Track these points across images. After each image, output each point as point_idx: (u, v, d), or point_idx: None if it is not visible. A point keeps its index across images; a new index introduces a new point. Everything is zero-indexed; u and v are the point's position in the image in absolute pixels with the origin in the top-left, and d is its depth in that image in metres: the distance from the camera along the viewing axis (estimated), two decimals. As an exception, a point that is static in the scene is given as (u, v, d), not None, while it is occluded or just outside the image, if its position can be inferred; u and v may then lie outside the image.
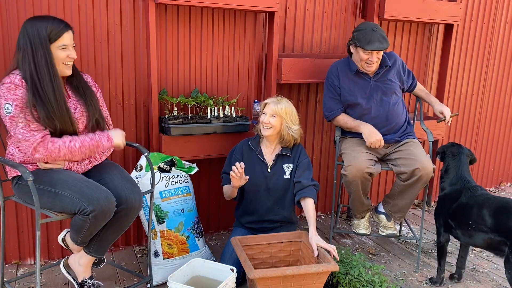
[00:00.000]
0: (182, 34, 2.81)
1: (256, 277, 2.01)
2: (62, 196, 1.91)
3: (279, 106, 2.50)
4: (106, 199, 1.89)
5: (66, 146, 1.94)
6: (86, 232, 1.96)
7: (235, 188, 2.46)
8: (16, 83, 1.89)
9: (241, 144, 2.65)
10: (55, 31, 1.94)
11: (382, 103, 2.75)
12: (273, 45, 2.93)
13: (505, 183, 4.52)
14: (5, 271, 2.40)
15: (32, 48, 1.92)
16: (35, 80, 1.91)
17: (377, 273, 2.46)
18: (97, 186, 1.93)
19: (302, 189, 2.51)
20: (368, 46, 2.61)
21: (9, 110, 1.87)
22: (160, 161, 2.54)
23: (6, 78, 1.92)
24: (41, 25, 1.93)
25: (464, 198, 2.44)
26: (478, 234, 2.34)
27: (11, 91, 1.88)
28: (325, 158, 3.51)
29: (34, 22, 1.95)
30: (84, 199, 1.87)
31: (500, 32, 3.97)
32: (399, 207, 2.78)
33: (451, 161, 2.60)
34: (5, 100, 1.88)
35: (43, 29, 1.92)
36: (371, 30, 2.63)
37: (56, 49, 1.96)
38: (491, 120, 4.18)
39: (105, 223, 1.98)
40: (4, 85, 1.90)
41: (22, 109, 1.88)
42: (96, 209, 1.86)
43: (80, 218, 1.90)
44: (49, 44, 1.94)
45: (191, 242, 2.60)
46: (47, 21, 1.95)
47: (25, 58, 1.92)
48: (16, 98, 1.88)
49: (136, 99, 2.76)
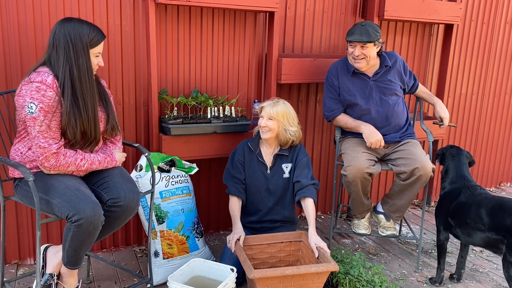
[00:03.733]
0: (182, 34, 2.81)
1: (256, 277, 2.02)
2: (52, 204, 1.91)
3: (275, 109, 2.49)
4: (92, 210, 1.86)
5: (76, 164, 1.97)
6: (69, 243, 1.92)
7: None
8: (47, 83, 1.87)
9: (241, 145, 2.65)
10: (96, 38, 1.95)
11: (382, 103, 2.75)
12: (273, 45, 2.93)
13: (505, 183, 4.52)
14: (5, 271, 2.40)
15: (74, 51, 1.91)
16: (75, 84, 1.91)
17: (377, 273, 2.46)
18: (86, 196, 1.90)
19: (301, 188, 2.51)
20: (348, 37, 2.68)
21: (32, 110, 1.85)
22: (160, 161, 2.54)
23: (36, 75, 1.88)
24: (83, 29, 1.92)
25: (463, 197, 2.46)
26: (477, 233, 2.36)
27: (41, 91, 1.85)
28: (325, 158, 3.51)
29: (75, 25, 1.93)
30: (71, 208, 1.85)
31: (500, 32, 3.97)
32: (398, 207, 2.78)
33: (450, 161, 2.62)
34: (31, 99, 1.85)
35: (86, 34, 1.92)
36: (359, 25, 2.67)
37: (92, 55, 1.97)
38: (491, 120, 4.18)
39: (90, 239, 1.93)
40: (34, 83, 1.86)
41: (46, 113, 1.87)
42: (81, 218, 1.83)
43: (67, 225, 1.89)
44: (89, 50, 1.94)
45: (191, 242, 2.60)
46: (88, 26, 1.95)
47: (66, 59, 1.90)
48: (43, 101, 1.86)
49: (136, 99, 2.76)
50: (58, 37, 1.91)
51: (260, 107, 2.56)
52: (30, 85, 1.87)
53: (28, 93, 1.86)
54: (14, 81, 2.43)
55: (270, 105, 2.51)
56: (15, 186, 2.10)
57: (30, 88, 1.86)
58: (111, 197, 1.99)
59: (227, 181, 2.61)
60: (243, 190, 2.57)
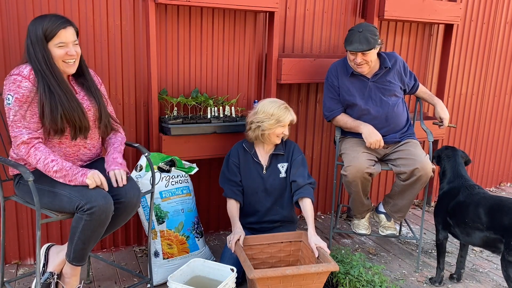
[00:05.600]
0: (182, 34, 2.81)
1: (256, 277, 2.02)
2: (61, 195, 1.91)
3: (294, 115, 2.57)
4: (104, 199, 1.88)
5: (44, 163, 1.91)
6: (79, 234, 1.90)
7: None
8: (23, 74, 1.92)
9: (235, 147, 2.65)
10: (50, 29, 1.95)
11: (382, 104, 2.75)
12: (273, 45, 2.93)
13: (505, 183, 4.52)
14: (5, 271, 2.40)
15: (33, 47, 1.94)
16: (45, 77, 1.93)
17: (377, 273, 2.46)
18: (94, 188, 1.92)
19: (299, 188, 2.52)
20: (348, 47, 2.64)
21: (9, 101, 1.91)
22: (160, 161, 2.54)
23: (16, 69, 1.95)
24: (39, 24, 1.94)
25: (462, 196, 2.47)
26: (475, 232, 2.37)
27: (16, 83, 1.90)
28: (325, 158, 3.51)
29: (35, 21, 1.97)
30: (82, 197, 1.87)
31: (500, 32, 3.97)
32: (399, 207, 2.78)
33: (446, 163, 2.65)
34: (9, 91, 1.91)
35: (40, 28, 1.94)
36: (357, 31, 2.62)
37: (53, 47, 1.96)
38: (491, 120, 4.18)
39: (100, 229, 1.93)
40: (12, 76, 1.93)
41: (21, 103, 1.90)
42: (93, 207, 1.85)
43: (78, 215, 1.89)
44: (46, 43, 1.95)
45: (191, 242, 2.60)
46: (45, 19, 1.96)
47: (30, 55, 1.95)
48: (19, 91, 1.90)
49: (136, 99, 2.76)
50: (27, 35, 1.98)
51: (284, 117, 2.50)
52: (8, 79, 1.94)
53: (7, 86, 1.93)
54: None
55: (290, 113, 2.53)
56: (16, 184, 2.10)
57: (9, 81, 1.93)
58: (112, 194, 1.99)
59: (223, 184, 2.61)
60: (239, 192, 2.58)
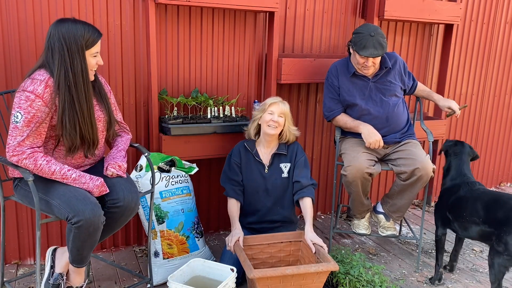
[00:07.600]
0: (182, 34, 2.81)
1: (256, 277, 2.02)
2: (52, 205, 1.91)
3: (285, 107, 2.57)
4: (91, 211, 1.85)
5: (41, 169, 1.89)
6: (72, 243, 1.92)
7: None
8: (37, 93, 1.86)
9: (237, 146, 2.65)
10: (91, 39, 1.93)
11: (382, 104, 2.75)
12: (273, 45, 2.93)
13: (505, 183, 4.52)
14: (5, 271, 2.40)
15: (69, 54, 1.89)
16: (71, 88, 1.90)
17: (377, 273, 2.46)
18: (85, 197, 1.89)
19: (301, 189, 2.52)
20: (362, 52, 2.59)
21: (17, 119, 1.86)
22: (160, 161, 2.54)
23: (30, 84, 1.87)
24: (77, 31, 1.90)
25: (462, 192, 2.53)
26: (472, 226, 2.42)
27: (28, 101, 1.85)
28: (325, 158, 3.51)
29: (69, 26, 1.91)
30: (70, 209, 1.85)
31: (500, 32, 3.97)
32: (398, 207, 2.78)
33: (453, 160, 2.68)
34: (19, 108, 1.86)
35: (80, 36, 1.90)
36: (368, 35, 2.59)
37: (89, 56, 1.95)
38: (491, 120, 4.18)
39: (92, 239, 1.93)
40: (25, 92, 1.86)
41: (29, 123, 1.86)
42: (80, 220, 1.83)
43: (68, 225, 1.89)
44: (85, 51, 1.93)
45: (191, 242, 2.60)
46: (83, 27, 1.92)
47: (61, 63, 1.89)
48: (30, 111, 1.85)
49: (136, 99, 2.76)
50: (53, 41, 1.90)
51: (270, 102, 2.56)
52: (21, 94, 1.87)
53: (18, 101, 1.87)
54: (14, 81, 2.43)
55: (280, 101, 2.57)
56: (15, 186, 2.10)
57: (21, 97, 1.87)
58: (110, 198, 1.99)
59: (225, 184, 2.61)
60: (240, 192, 2.58)
